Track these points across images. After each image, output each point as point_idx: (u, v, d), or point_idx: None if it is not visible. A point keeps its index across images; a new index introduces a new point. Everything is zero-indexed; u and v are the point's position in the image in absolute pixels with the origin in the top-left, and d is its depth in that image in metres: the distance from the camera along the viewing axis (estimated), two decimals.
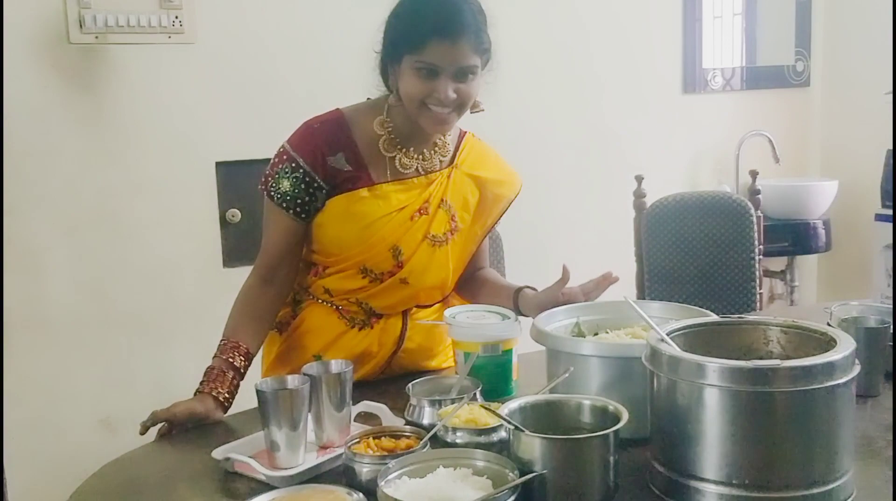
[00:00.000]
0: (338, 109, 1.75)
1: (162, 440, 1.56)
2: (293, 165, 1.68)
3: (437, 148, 1.78)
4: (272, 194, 1.70)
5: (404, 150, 1.74)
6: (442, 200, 1.77)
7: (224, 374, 1.63)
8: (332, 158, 1.69)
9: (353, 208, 1.70)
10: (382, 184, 1.72)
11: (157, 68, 2.74)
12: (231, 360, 1.64)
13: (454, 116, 1.67)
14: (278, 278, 1.74)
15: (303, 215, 1.70)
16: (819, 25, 4.22)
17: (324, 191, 1.70)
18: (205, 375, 1.63)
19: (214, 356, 1.66)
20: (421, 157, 1.75)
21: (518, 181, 1.90)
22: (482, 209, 1.83)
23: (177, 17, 2.70)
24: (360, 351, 1.77)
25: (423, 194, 1.75)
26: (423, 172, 1.76)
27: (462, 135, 1.85)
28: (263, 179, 1.72)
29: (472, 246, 1.85)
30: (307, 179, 1.68)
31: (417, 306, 1.83)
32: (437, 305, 1.86)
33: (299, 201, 1.69)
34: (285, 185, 1.68)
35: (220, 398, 1.60)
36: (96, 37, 2.61)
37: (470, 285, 1.90)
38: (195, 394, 1.61)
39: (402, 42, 1.62)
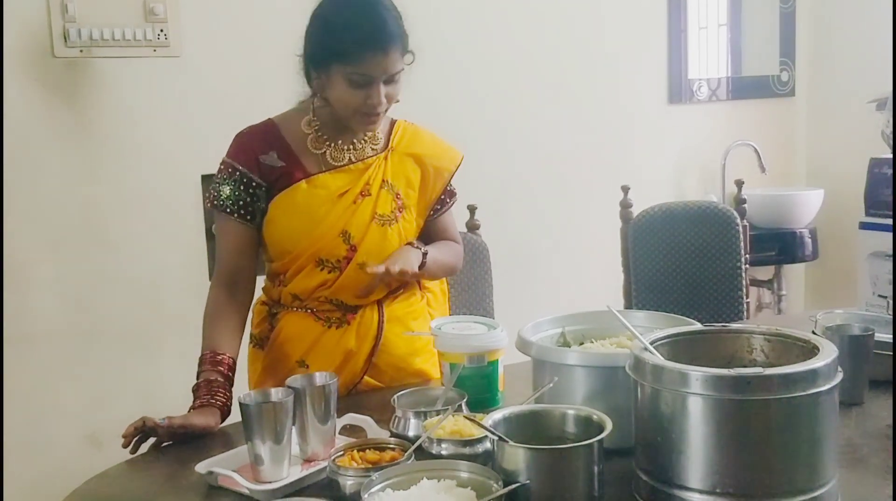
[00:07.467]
0: (269, 118, 1.83)
1: (145, 454, 1.54)
2: (230, 170, 1.76)
3: (367, 138, 1.83)
4: (216, 203, 1.77)
5: (333, 145, 1.80)
6: (383, 180, 1.82)
7: (220, 383, 1.64)
8: (264, 156, 1.76)
9: (295, 202, 1.76)
10: (318, 174, 1.78)
11: (143, 82, 2.73)
12: (218, 369, 1.66)
13: (383, 114, 1.75)
14: (238, 288, 1.78)
15: (248, 218, 1.76)
16: (803, 36, 4.25)
17: (262, 189, 1.76)
18: (200, 389, 1.63)
19: (201, 372, 1.66)
20: (352, 147, 1.81)
21: (458, 155, 1.93)
22: (425, 184, 1.88)
23: (162, 31, 2.69)
24: (340, 350, 1.79)
25: (362, 177, 1.80)
26: (356, 160, 1.81)
27: (392, 122, 1.90)
28: (208, 195, 1.79)
29: (420, 220, 1.88)
30: (245, 180, 1.75)
31: (390, 293, 1.84)
32: (409, 290, 1.87)
33: (241, 202, 1.75)
34: (226, 191, 1.76)
35: (225, 409, 1.62)
36: (81, 50, 2.60)
37: None
38: (194, 407, 1.60)
39: (332, 52, 1.68)
